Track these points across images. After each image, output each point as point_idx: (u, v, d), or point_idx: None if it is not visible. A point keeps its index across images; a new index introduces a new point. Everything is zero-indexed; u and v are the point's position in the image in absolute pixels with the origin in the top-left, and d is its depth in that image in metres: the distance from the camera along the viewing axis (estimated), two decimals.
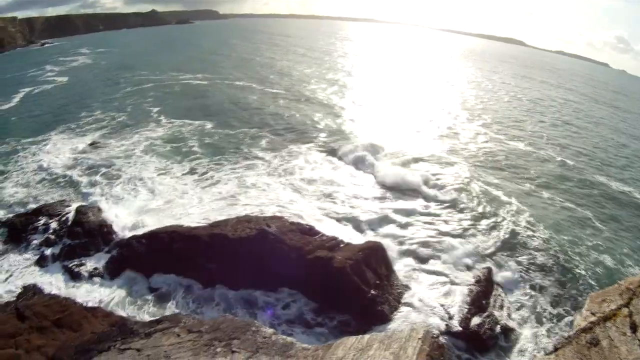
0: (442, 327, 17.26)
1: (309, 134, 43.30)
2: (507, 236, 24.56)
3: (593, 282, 21.11)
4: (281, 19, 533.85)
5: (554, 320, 18.44)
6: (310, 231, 22.00)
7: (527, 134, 50.26)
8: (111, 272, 21.60)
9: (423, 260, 22.02)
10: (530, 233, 25.11)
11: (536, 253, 23.06)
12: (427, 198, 29.07)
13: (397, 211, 27.18)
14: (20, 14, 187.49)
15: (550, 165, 39.10)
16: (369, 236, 23.86)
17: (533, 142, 46.80)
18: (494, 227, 25.60)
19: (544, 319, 18.53)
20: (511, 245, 23.74)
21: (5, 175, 33.29)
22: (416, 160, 36.74)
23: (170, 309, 19.11)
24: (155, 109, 53.02)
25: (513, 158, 39.86)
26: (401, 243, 23.45)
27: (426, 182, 31.17)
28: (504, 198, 29.77)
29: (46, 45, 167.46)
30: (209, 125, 46.06)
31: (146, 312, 18.94)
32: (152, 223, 25.21)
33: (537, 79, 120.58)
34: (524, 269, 21.69)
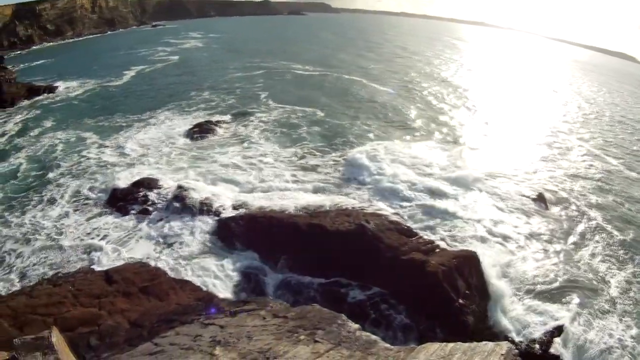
0: (524, 347, 17.96)
1: (416, 135, 41.80)
2: (599, 267, 23.92)
3: None
4: (392, 16, 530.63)
5: (636, 354, 18.19)
6: (408, 232, 22.73)
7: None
8: (205, 249, 22.31)
9: (514, 277, 21.84)
10: (620, 264, 24.41)
11: (625, 285, 22.53)
12: (537, 217, 28.13)
13: (497, 223, 26.58)
14: None
15: None
16: (465, 244, 23.73)
17: None
18: (587, 255, 25.01)
19: (626, 353, 18.17)
20: (600, 275, 23.21)
21: (109, 148, 36.25)
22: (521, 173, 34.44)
23: (259, 292, 19.65)
24: (264, 94, 54.81)
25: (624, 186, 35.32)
26: (496, 256, 22.99)
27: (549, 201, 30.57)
28: (606, 226, 28.34)
29: (157, 27, 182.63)
30: (319, 113, 46.54)
31: (234, 292, 19.43)
32: (251, 206, 25.91)
33: None
34: (611, 300, 21.17)
